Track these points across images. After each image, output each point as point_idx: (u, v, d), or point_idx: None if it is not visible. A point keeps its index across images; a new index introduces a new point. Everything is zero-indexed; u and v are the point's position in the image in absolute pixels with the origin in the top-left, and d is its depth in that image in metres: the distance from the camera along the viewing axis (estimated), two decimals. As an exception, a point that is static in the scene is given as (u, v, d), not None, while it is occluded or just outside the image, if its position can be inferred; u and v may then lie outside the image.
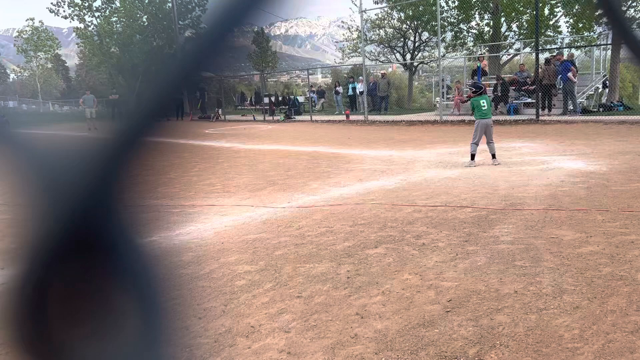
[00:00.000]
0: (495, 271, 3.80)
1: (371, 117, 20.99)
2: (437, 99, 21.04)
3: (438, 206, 5.98)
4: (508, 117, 17.09)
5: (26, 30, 67.62)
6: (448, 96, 22.00)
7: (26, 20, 68.07)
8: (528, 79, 18.50)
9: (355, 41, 36.13)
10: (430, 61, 34.76)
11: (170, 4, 41.86)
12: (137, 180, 0.43)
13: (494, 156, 8.68)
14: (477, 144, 8.65)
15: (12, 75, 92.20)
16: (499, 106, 18.77)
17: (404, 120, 19.40)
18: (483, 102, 8.61)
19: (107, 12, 46.44)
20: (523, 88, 18.46)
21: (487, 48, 28.22)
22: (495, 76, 20.57)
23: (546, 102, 17.01)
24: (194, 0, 47.43)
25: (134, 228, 0.42)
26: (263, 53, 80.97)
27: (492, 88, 19.41)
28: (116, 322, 0.41)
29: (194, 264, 4.46)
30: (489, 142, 8.67)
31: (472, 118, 9.12)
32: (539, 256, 4.06)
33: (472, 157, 8.74)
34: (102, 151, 0.40)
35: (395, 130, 16.63)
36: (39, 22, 68.18)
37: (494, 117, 12.03)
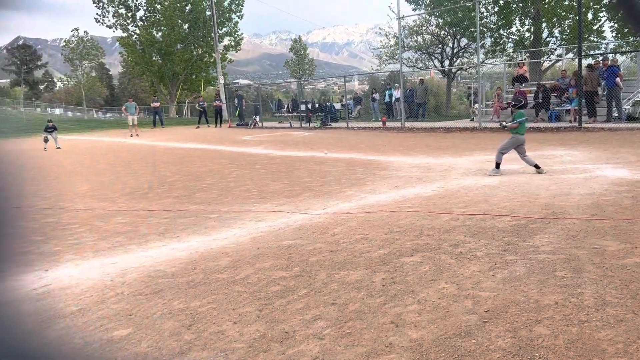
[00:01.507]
0: (535, 282, 3.70)
1: (408, 124, 20.85)
2: (476, 105, 20.75)
3: (476, 214, 5.88)
4: (549, 125, 16.70)
5: (72, 40, 70.01)
6: (487, 102, 21.66)
7: (72, 31, 70.50)
8: (570, 85, 18.09)
9: (392, 48, 36.05)
10: (469, 67, 34.34)
11: (209, 12, 42.62)
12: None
13: (537, 166, 8.41)
14: (504, 153, 8.52)
15: (58, 84, 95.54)
16: (539, 113, 18.38)
17: (441, 127, 19.19)
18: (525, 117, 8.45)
19: (149, 21, 47.62)
20: (565, 95, 18.04)
21: (528, 54, 27.70)
22: (536, 83, 20.17)
23: (582, 109, 16.56)
24: (231, 8, 48.19)
25: None
26: (300, 61, 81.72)
27: (532, 95, 19.03)
28: None
29: (230, 269, 4.51)
30: (525, 156, 8.51)
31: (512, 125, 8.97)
32: (581, 267, 3.94)
33: (498, 165, 8.56)
34: None
35: (433, 137, 16.46)
36: (84, 32, 70.50)
37: (534, 125, 11.78)
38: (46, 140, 20.05)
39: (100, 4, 47.84)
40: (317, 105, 30.01)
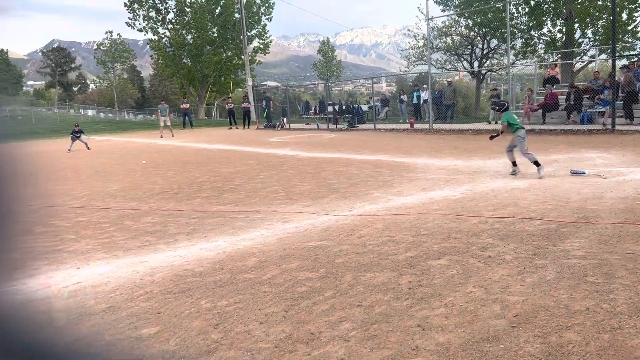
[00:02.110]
0: (565, 287, 3.63)
1: (436, 126, 20.67)
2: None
3: (505, 218, 5.79)
4: (581, 127, 16.34)
5: (105, 43, 71.45)
6: (517, 104, 21.32)
7: (105, 33, 71.95)
8: (605, 87, 17.67)
9: (421, 49, 35.80)
10: (499, 69, 33.87)
11: (238, 15, 42.99)
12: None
13: (514, 164, 8.84)
14: (528, 152, 8.61)
15: (91, 86, 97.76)
16: (571, 115, 18.02)
17: (470, 129, 18.97)
18: (515, 115, 9.11)
19: (179, 24, 48.26)
20: (597, 97, 17.63)
21: (560, 55, 27.19)
22: (567, 84, 19.78)
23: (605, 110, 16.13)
24: (261, 11, 48.53)
25: None
26: (328, 62, 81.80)
27: (564, 97, 18.67)
28: None
29: (257, 269, 4.54)
30: (511, 152, 8.92)
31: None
32: (613, 272, 3.85)
33: (536, 162, 8.47)
34: None
35: (462, 140, 16.29)
36: (117, 34, 71.92)
37: (565, 127, 11.61)
38: (74, 139, 20.57)
39: (132, 8, 48.72)
40: (344, 107, 29.99)
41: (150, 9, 48.69)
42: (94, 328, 3.49)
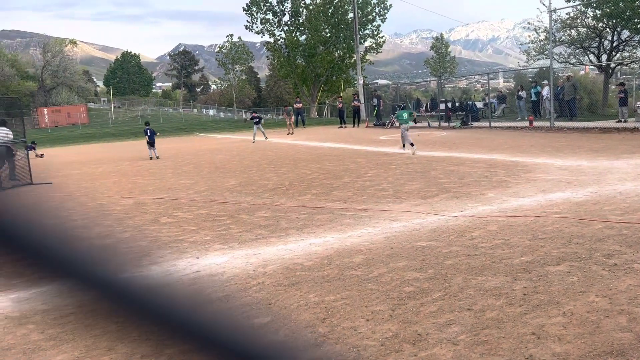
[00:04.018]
0: None
1: (558, 124, 19.44)
2: (638, 104, 18.71)
3: (635, 223, 5.31)
4: None
5: (226, 46, 75.34)
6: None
7: (226, 37, 75.91)
8: None
9: (542, 43, 33.78)
10: (631, 62, 31.04)
11: (351, 15, 43.34)
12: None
13: (412, 144, 13.49)
14: (403, 137, 13.99)
15: (212, 86, 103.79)
16: None
17: (596, 128, 17.61)
18: (404, 115, 13.98)
19: (294, 25, 49.63)
20: None
21: None
22: None
23: None
24: (375, 10, 48.54)
25: None
26: (441, 59, 79.96)
27: None
28: None
29: (364, 266, 4.55)
30: (407, 138, 13.73)
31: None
32: None
33: (403, 146, 13.94)
34: None
35: (586, 139, 15.16)
36: (238, 37, 75.58)
37: None
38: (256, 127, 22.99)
39: (250, 12, 50.97)
40: (457, 104, 29.13)
41: (267, 12, 50.64)
42: (210, 316, 3.70)
